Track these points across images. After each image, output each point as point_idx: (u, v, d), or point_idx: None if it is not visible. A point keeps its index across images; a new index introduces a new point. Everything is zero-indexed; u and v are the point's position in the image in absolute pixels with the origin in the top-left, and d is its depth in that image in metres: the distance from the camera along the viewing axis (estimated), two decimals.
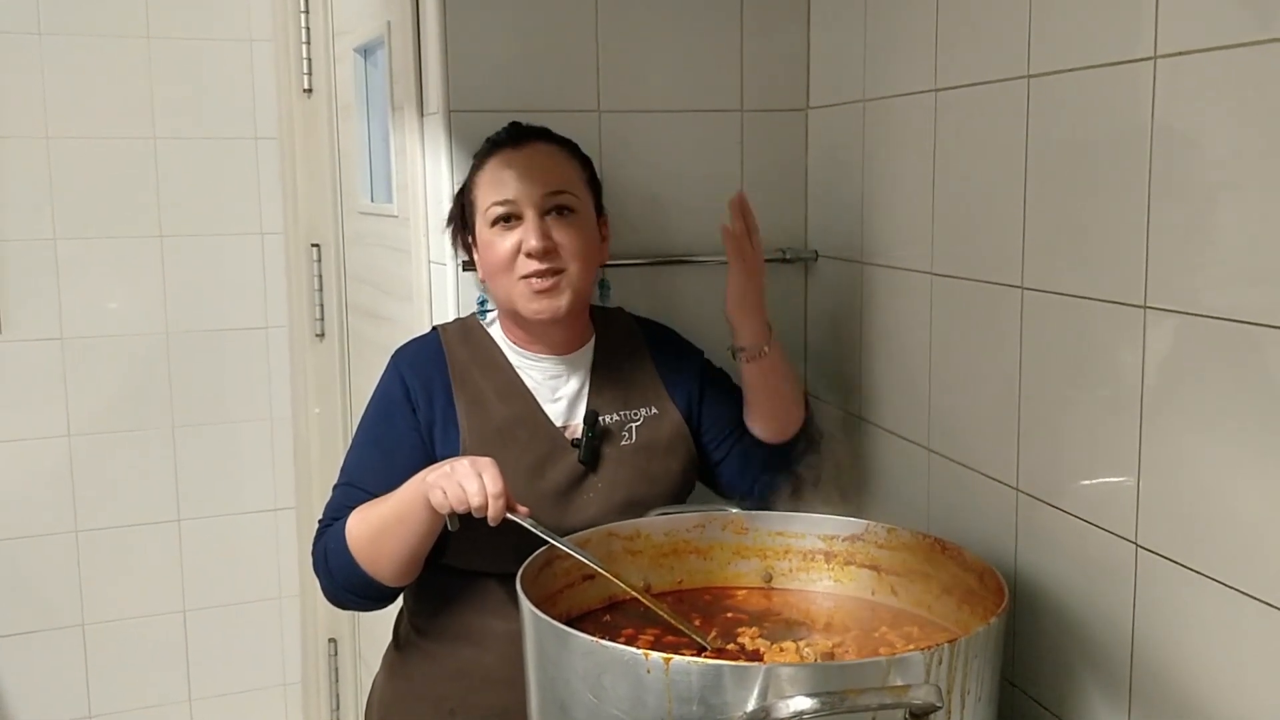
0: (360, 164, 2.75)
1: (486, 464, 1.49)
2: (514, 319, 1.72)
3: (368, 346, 2.81)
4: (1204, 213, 1.21)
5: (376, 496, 1.61)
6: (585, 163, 1.77)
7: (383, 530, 1.58)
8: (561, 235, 1.66)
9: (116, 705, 3.24)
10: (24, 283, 3.05)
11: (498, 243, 1.67)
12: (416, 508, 1.53)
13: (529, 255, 1.65)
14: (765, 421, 1.77)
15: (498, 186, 1.68)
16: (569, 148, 1.76)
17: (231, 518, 3.31)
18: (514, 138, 1.74)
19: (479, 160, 1.75)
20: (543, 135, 1.75)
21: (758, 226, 1.75)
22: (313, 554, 1.68)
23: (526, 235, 1.65)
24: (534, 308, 1.66)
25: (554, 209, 1.67)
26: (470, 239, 1.76)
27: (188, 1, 3.13)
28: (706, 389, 1.81)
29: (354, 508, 1.63)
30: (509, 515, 1.47)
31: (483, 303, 1.82)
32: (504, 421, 1.68)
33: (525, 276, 1.65)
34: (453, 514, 1.50)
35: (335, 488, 1.70)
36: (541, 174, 1.68)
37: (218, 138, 3.20)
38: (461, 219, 1.78)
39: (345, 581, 1.62)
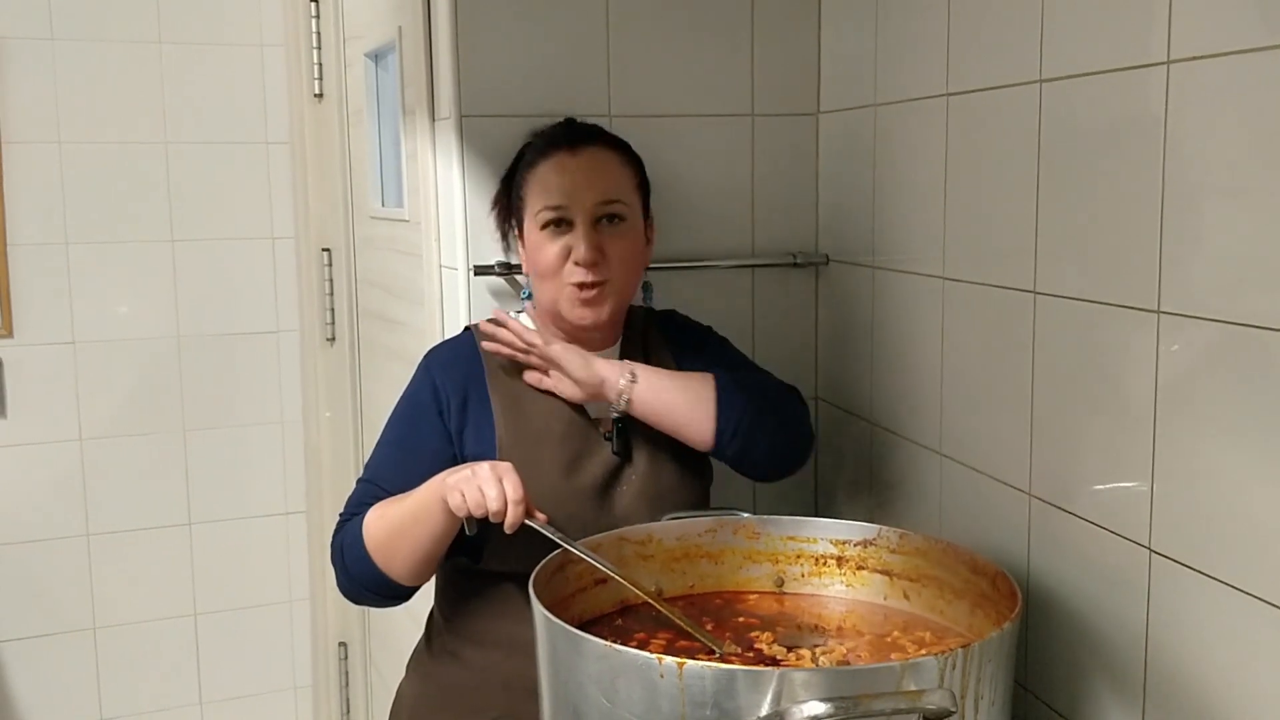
0: (371, 169, 2.75)
1: (507, 469, 1.49)
2: (555, 319, 1.73)
3: (379, 351, 2.81)
4: (1217, 218, 1.20)
5: (395, 495, 1.62)
6: (637, 166, 1.76)
7: (398, 529, 1.58)
8: (610, 244, 1.67)
9: (127, 709, 3.25)
10: (36, 287, 3.06)
11: (547, 246, 1.67)
12: (433, 509, 1.54)
13: (578, 264, 1.65)
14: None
15: (551, 191, 1.68)
16: (623, 151, 1.74)
17: (242, 521, 3.32)
18: (570, 140, 1.71)
19: (533, 157, 1.73)
20: (598, 137, 1.74)
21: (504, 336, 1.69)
22: (330, 546, 1.69)
23: (576, 244, 1.65)
24: (578, 313, 1.68)
25: (605, 217, 1.67)
26: (518, 231, 1.76)
27: (199, 7, 3.14)
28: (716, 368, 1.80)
29: (373, 504, 1.63)
30: (526, 521, 1.47)
31: (528, 297, 1.81)
32: (540, 418, 1.69)
33: (573, 284, 1.66)
34: (470, 518, 1.50)
35: (358, 482, 1.71)
36: (596, 182, 1.67)
37: (229, 142, 3.21)
38: (508, 207, 1.78)
39: (360, 577, 1.63)
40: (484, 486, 1.47)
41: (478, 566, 1.65)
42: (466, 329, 1.81)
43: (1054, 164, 1.45)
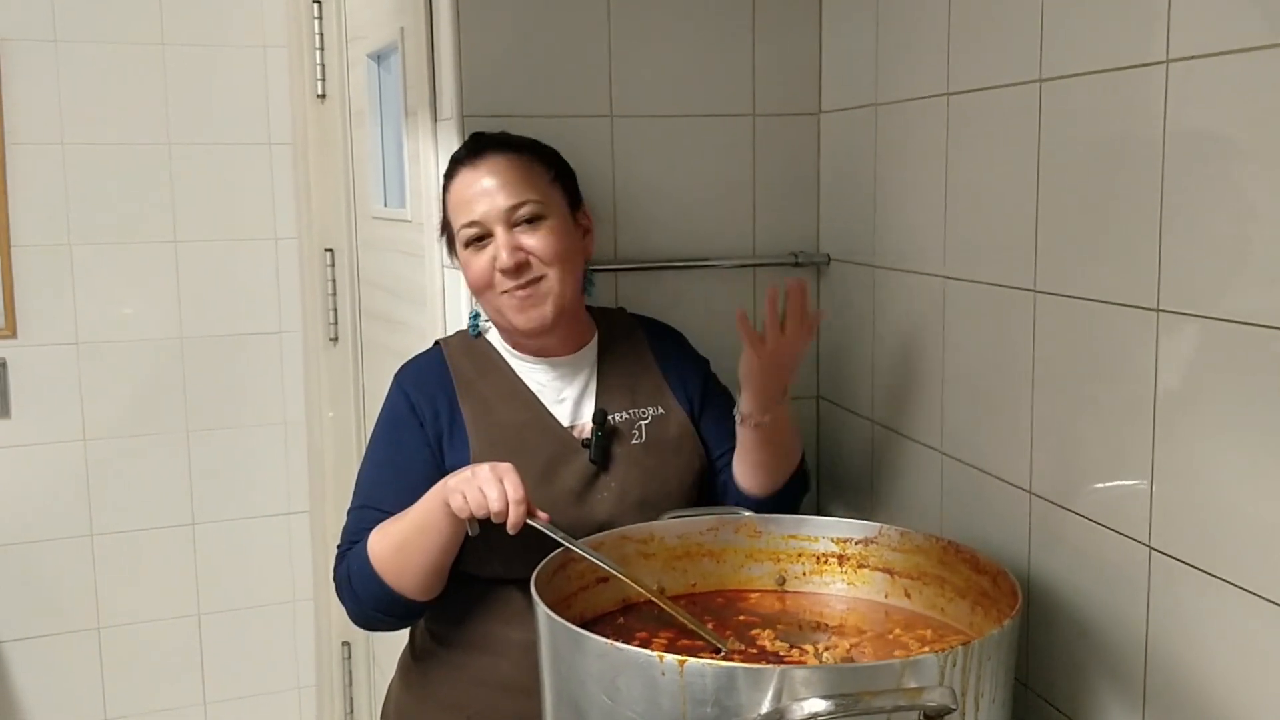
0: (373, 169, 2.76)
1: (507, 470, 1.49)
2: (513, 332, 1.73)
3: (381, 351, 2.82)
4: (1216, 216, 1.21)
5: (393, 515, 1.61)
6: (550, 159, 1.74)
7: (405, 543, 1.58)
8: (534, 243, 1.65)
9: (131, 709, 3.26)
10: (39, 288, 3.07)
11: (474, 262, 1.68)
12: (437, 516, 1.54)
13: (503, 273, 1.65)
14: (743, 477, 1.74)
15: (464, 208, 1.68)
16: (530, 150, 1.72)
17: (245, 522, 3.33)
18: (472, 152, 1.71)
19: (446, 179, 1.74)
20: (501, 144, 1.72)
21: (799, 313, 1.64)
22: (335, 580, 1.68)
23: (498, 253, 1.65)
24: (522, 319, 1.67)
25: (522, 220, 1.66)
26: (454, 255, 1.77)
27: (202, 8, 3.15)
28: (707, 403, 1.81)
29: (372, 529, 1.63)
30: (528, 521, 1.47)
31: (475, 317, 1.82)
32: (512, 427, 1.69)
33: (506, 291, 1.66)
34: (472, 519, 1.50)
35: (350, 512, 1.70)
36: (503, 188, 1.66)
37: (232, 143, 3.21)
38: (447, 234, 1.77)
39: (372, 600, 1.62)
40: (484, 487, 1.47)
41: (459, 569, 1.65)
42: (435, 343, 1.81)
43: (1054, 163, 1.45)
